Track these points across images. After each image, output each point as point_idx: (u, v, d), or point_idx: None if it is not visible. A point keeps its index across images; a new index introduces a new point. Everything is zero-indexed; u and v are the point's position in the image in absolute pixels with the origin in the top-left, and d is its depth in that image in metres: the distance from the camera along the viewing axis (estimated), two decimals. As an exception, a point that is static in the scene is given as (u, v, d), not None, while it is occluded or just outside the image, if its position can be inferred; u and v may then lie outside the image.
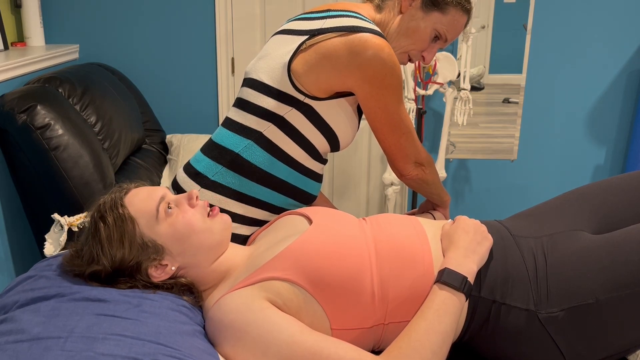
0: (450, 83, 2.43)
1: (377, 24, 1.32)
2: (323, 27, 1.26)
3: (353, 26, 1.24)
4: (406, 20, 1.33)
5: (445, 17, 1.32)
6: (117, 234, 1.03)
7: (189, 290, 1.09)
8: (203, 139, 2.43)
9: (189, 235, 1.06)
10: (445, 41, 1.37)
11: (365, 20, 1.28)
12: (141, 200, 1.07)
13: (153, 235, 1.05)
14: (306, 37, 1.26)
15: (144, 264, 1.05)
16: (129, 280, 1.04)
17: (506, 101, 2.60)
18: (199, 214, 1.09)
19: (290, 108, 1.27)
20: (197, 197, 1.11)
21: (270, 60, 1.31)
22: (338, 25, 1.25)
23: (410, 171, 1.39)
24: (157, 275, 1.06)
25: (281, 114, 1.28)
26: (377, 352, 1.00)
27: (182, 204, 1.09)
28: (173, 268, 1.07)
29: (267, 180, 1.31)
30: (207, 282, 1.11)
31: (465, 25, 1.38)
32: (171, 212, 1.07)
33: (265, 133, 1.29)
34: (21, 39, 2.50)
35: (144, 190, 1.10)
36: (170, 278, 1.08)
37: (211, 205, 1.15)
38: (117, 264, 1.04)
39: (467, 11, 1.35)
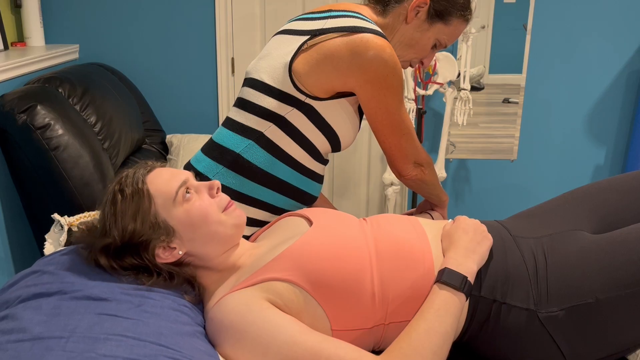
0: (450, 83, 2.43)
1: (380, 27, 1.32)
2: (324, 27, 1.26)
3: (354, 26, 1.24)
4: (410, 30, 1.35)
5: (447, 27, 1.35)
6: (132, 208, 1.04)
7: (190, 284, 1.09)
8: (203, 139, 2.43)
9: (202, 224, 1.06)
10: (443, 47, 1.40)
11: (367, 21, 1.28)
12: (163, 180, 1.07)
13: (167, 217, 1.05)
14: (307, 37, 1.26)
15: (153, 243, 1.05)
16: (136, 259, 1.04)
17: (506, 101, 2.60)
18: (216, 205, 1.08)
19: (291, 108, 1.27)
20: (218, 189, 1.10)
21: (272, 60, 1.31)
22: (339, 25, 1.25)
23: (409, 172, 1.39)
24: (164, 256, 1.06)
25: (282, 114, 1.28)
26: (377, 352, 1.01)
27: (202, 192, 1.09)
28: (180, 252, 1.07)
29: (267, 180, 1.31)
30: (209, 276, 1.11)
31: (463, 30, 1.41)
32: (189, 197, 1.07)
33: (266, 133, 1.29)
34: (21, 39, 2.50)
35: (168, 171, 1.10)
36: (175, 264, 1.08)
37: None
38: (127, 238, 1.04)
39: (468, 20, 1.38)
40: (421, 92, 2.43)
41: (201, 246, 1.08)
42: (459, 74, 2.37)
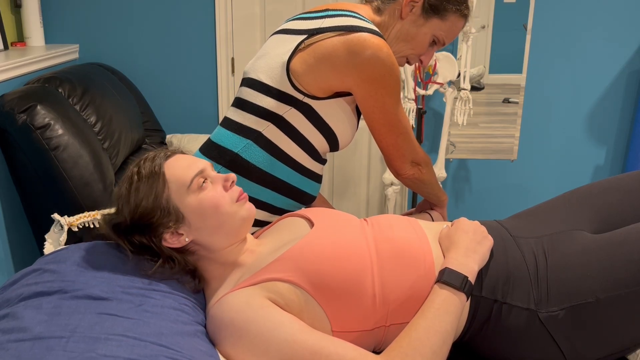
0: (450, 83, 2.43)
1: (377, 26, 1.32)
2: (321, 26, 1.26)
3: (352, 26, 1.24)
4: (406, 26, 1.34)
5: (444, 23, 1.34)
6: (145, 189, 1.05)
7: (191, 274, 1.10)
8: (203, 139, 2.43)
9: (213, 214, 1.07)
10: (442, 45, 1.39)
11: (364, 20, 1.28)
12: (181, 167, 1.08)
13: (179, 203, 1.06)
14: (305, 36, 1.26)
15: (161, 228, 1.06)
16: (144, 238, 1.06)
17: (506, 101, 2.60)
18: (229, 197, 1.09)
19: (289, 107, 1.27)
20: (233, 182, 1.11)
21: (269, 60, 1.31)
22: (336, 24, 1.25)
23: (406, 170, 1.39)
24: (171, 241, 1.07)
25: (280, 113, 1.28)
26: (378, 353, 1.00)
27: (217, 183, 1.10)
28: (187, 240, 1.08)
29: (266, 180, 1.31)
30: (212, 269, 1.11)
31: (462, 28, 1.40)
32: (204, 186, 1.07)
33: (264, 133, 1.29)
34: (21, 39, 2.50)
35: (187, 158, 1.11)
36: (180, 251, 1.09)
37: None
38: (137, 217, 1.05)
39: (465, 16, 1.36)
40: (421, 92, 2.43)
41: (208, 236, 1.08)
42: (459, 74, 2.37)
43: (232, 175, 1.11)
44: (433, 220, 1.52)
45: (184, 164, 1.09)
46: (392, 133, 1.33)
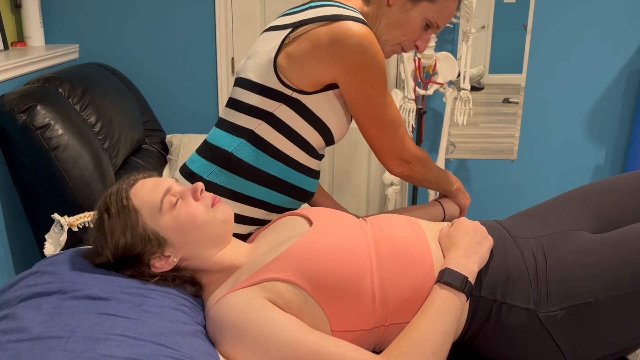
0: (450, 83, 2.43)
1: (366, 17, 1.30)
2: (305, 18, 1.24)
3: (334, 15, 1.22)
4: (395, 12, 1.31)
5: (434, 5, 1.29)
6: (120, 225, 1.04)
7: (190, 283, 1.09)
8: (203, 139, 2.42)
9: (191, 228, 1.07)
10: (437, 28, 1.34)
11: (348, 9, 1.25)
12: (146, 192, 1.07)
13: (156, 227, 1.05)
14: (289, 30, 1.25)
15: (146, 256, 1.05)
16: (133, 270, 1.06)
17: (506, 101, 2.60)
18: (203, 206, 1.09)
19: (279, 104, 1.27)
20: (201, 190, 1.11)
21: (257, 58, 1.30)
22: (319, 14, 1.23)
23: (394, 167, 1.37)
24: (160, 266, 1.07)
25: (271, 110, 1.27)
26: (377, 352, 1.00)
27: (187, 196, 1.09)
28: (175, 260, 1.07)
29: (261, 178, 1.31)
30: (208, 276, 1.11)
31: (457, 9, 1.35)
32: (175, 204, 1.07)
33: (256, 131, 1.29)
34: (21, 39, 2.50)
35: (150, 182, 1.10)
36: (172, 270, 1.08)
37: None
38: (120, 255, 1.05)
39: None
40: (421, 92, 2.42)
41: (194, 248, 1.08)
42: (459, 74, 2.37)
43: (200, 184, 1.10)
44: (444, 211, 1.52)
45: (149, 188, 1.08)
46: (376, 127, 1.30)
